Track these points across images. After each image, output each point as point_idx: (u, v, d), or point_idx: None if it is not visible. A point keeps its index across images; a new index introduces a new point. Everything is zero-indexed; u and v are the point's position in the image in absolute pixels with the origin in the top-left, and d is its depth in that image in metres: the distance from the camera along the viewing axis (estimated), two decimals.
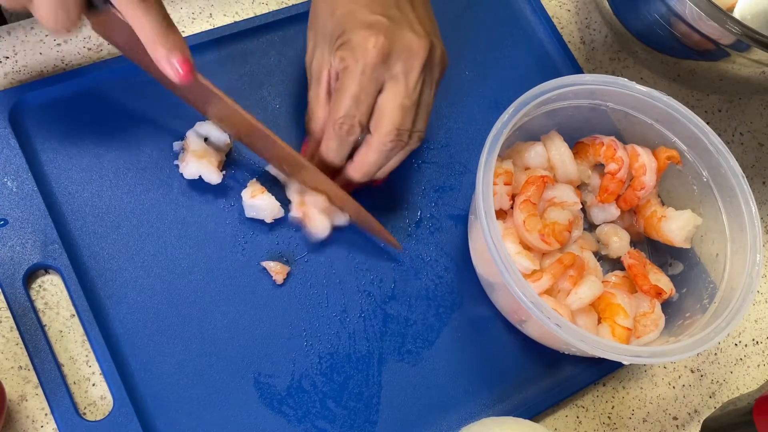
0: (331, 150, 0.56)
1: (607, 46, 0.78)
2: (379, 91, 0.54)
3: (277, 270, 0.58)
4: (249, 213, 0.59)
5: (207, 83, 0.53)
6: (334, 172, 0.58)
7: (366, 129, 0.55)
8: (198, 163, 0.57)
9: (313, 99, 0.58)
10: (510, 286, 0.53)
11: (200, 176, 0.58)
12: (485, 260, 0.59)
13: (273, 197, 0.59)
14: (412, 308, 0.61)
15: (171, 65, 0.49)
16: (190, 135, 0.58)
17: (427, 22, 0.57)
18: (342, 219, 0.59)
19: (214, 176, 0.58)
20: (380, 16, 0.54)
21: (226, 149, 0.60)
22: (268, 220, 0.59)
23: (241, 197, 0.59)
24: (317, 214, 0.59)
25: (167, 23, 0.48)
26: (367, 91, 0.54)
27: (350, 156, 0.57)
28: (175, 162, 0.59)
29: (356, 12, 0.54)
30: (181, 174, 0.59)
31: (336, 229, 0.60)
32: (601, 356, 0.53)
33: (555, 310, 0.55)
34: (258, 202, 0.58)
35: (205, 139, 0.59)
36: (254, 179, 0.60)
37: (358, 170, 0.57)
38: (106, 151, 0.58)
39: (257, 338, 0.57)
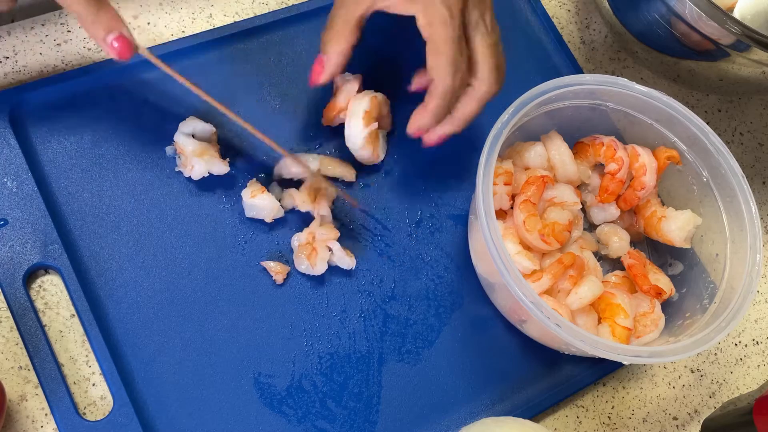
0: (444, 101, 0.56)
1: (607, 46, 0.78)
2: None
3: (277, 270, 0.58)
4: (249, 213, 0.59)
5: (152, 58, 0.52)
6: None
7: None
8: (203, 161, 0.57)
9: (341, 18, 0.56)
10: (510, 286, 0.53)
11: (209, 173, 0.58)
12: (485, 260, 0.59)
13: (273, 197, 0.59)
14: (412, 308, 0.61)
15: (108, 44, 0.49)
16: (179, 137, 0.58)
17: None
18: (347, 263, 0.59)
19: (222, 167, 0.58)
20: None
21: (215, 137, 0.60)
22: (268, 220, 0.59)
23: (241, 197, 0.59)
24: (324, 252, 0.58)
25: (97, 2, 0.48)
26: (460, 32, 0.54)
27: None
28: (177, 169, 0.59)
29: None
30: (180, 173, 0.59)
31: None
32: (601, 356, 0.53)
33: (555, 310, 0.55)
34: (258, 202, 0.58)
35: (192, 136, 0.59)
36: (254, 179, 0.60)
37: (460, 122, 0.58)
38: (106, 152, 0.58)
39: (257, 338, 0.57)
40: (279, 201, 0.59)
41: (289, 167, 0.60)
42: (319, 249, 0.58)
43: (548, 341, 0.60)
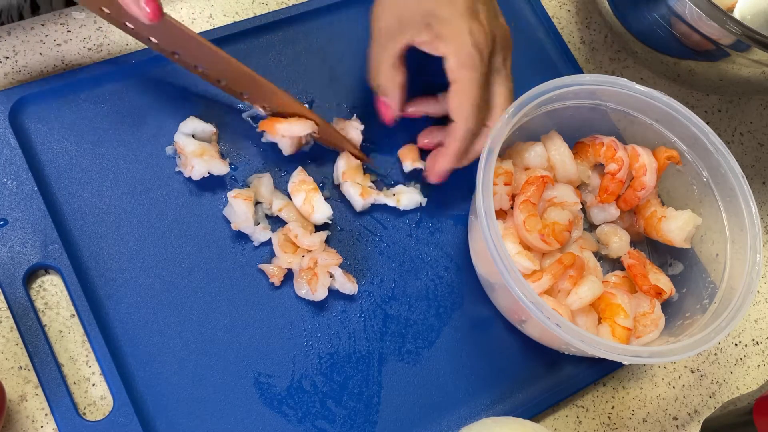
0: (465, 143, 0.58)
1: (607, 46, 0.78)
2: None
3: (273, 273, 0.58)
4: (225, 210, 0.58)
5: (175, 22, 0.52)
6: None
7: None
8: (202, 161, 0.57)
9: (386, 59, 0.58)
10: (510, 286, 0.53)
11: (209, 173, 0.58)
12: (485, 260, 0.59)
13: (251, 211, 0.58)
14: (412, 308, 0.61)
15: (138, 6, 0.49)
16: (179, 137, 0.58)
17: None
18: (349, 288, 0.59)
19: (222, 167, 0.58)
20: (476, 2, 0.55)
21: (215, 138, 0.60)
22: (233, 227, 0.58)
23: None
24: (325, 278, 0.58)
25: None
26: (486, 78, 0.56)
27: None
28: (177, 169, 0.59)
29: None
30: (180, 173, 0.59)
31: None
32: (601, 356, 0.53)
33: (555, 310, 0.55)
34: (235, 205, 0.57)
35: (192, 136, 0.59)
36: (249, 188, 0.59)
37: (471, 159, 0.59)
38: (106, 151, 0.58)
39: (257, 338, 0.57)
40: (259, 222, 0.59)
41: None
42: (321, 275, 0.57)
43: (548, 341, 0.60)
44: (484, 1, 0.57)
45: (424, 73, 0.59)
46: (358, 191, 0.61)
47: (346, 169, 0.61)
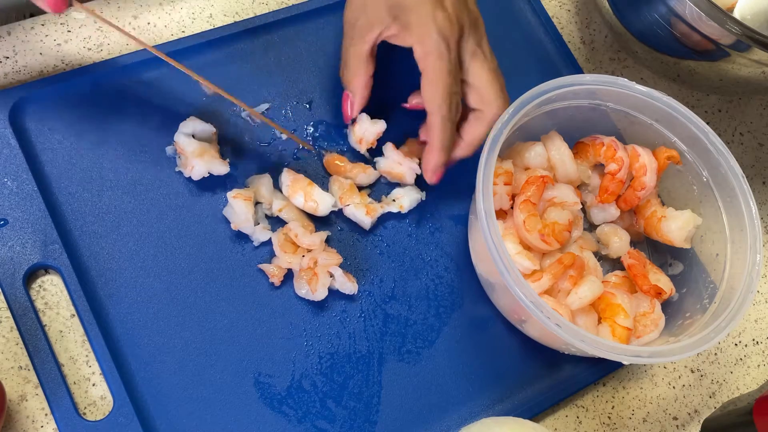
0: (447, 133, 0.57)
1: (607, 46, 0.78)
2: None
3: (273, 273, 0.58)
4: (225, 210, 0.58)
5: (92, 12, 0.50)
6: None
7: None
8: (203, 162, 0.57)
9: (354, 55, 0.58)
10: (510, 286, 0.53)
11: (209, 173, 0.58)
12: (485, 260, 0.59)
13: (251, 211, 0.58)
14: (412, 308, 0.61)
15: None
16: (179, 137, 0.58)
17: None
18: (349, 288, 0.59)
19: (222, 167, 0.58)
20: None
21: (215, 138, 0.60)
22: (233, 227, 0.58)
23: None
24: (325, 278, 0.57)
25: None
26: (456, 64, 0.55)
27: None
28: (177, 169, 0.59)
29: None
30: (180, 173, 0.59)
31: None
32: (601, 356, 0.53)
33: (555, 310, 0.55)
34: (235, 205, 0.57)
35: (192, 136, 0.59)
36: (249, 188, 0.59)
37: (472, 146, 0.59)
38: (106, 151, 0.58)
39: (257, 338, 0.57)
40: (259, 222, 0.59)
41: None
42: (321, 275, 0.57)
43: (548, 341, 0.60)
44: None
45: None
46: (364, 211, 0.60)
47: (341, 193, 0.61)
